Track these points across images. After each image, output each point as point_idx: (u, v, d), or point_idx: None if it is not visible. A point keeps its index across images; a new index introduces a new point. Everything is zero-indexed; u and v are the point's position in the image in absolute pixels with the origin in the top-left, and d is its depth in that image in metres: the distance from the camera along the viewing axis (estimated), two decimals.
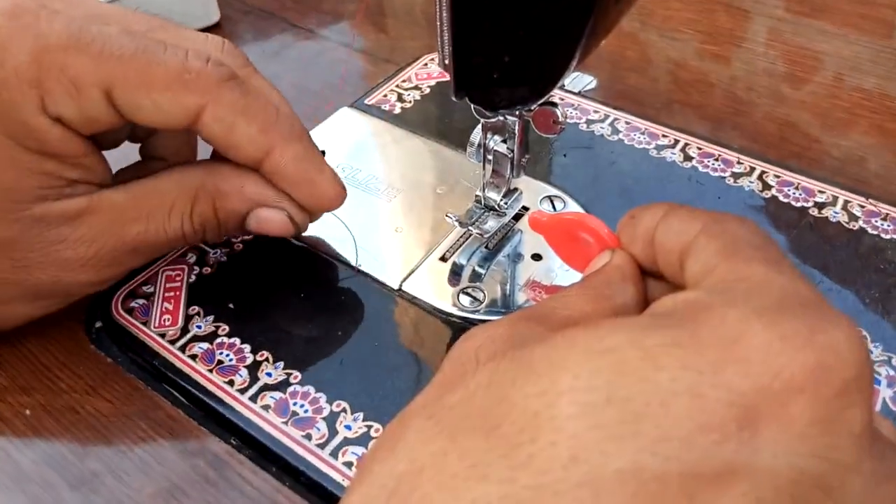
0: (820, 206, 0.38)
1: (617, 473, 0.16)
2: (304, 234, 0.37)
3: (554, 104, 0.30)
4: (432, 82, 0.47)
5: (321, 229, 0.37)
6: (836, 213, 0.38)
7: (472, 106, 0.30)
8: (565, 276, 0.35)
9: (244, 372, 0.31)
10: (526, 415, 0.17)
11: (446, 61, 0.28)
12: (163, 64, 0.28)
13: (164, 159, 0.34)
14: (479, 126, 0.33)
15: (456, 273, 0.35)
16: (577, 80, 0.48)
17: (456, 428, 0.18)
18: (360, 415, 0.30)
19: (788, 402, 0.16)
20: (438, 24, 0.28)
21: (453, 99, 0.29)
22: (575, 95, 0.46)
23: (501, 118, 0.32)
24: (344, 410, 0.30)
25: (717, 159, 0.41)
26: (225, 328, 0.33)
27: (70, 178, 0.29)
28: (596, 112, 0.44)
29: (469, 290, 0.34)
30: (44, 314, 0.32)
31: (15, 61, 0.27)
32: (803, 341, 0.17)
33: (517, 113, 0.31)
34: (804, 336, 0.17)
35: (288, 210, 0.32)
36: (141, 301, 0.34)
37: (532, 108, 0.30)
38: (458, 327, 0.33)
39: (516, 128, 0.32)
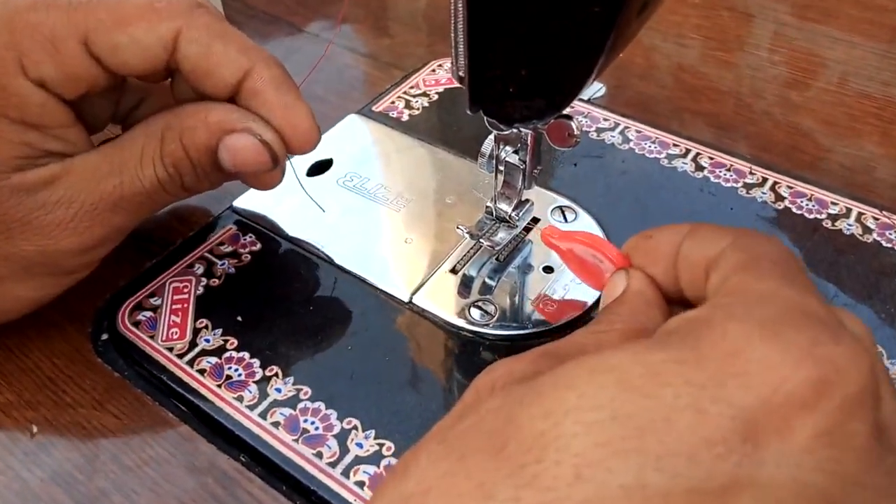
0: (833, 217, 0.38)
1: (622, 489, 0.16)
2: (312, 246, 0.36)
3: (569, 117, 0.30)
4: (440, 89, 0.47)
5: (330, 240, 0.37)
6: (849, 225, 0.37)
7: (485, 119, 0.30)
8: (577, 289, 0.34)
9: (253, 388, 0.31)
10: (532, 434, 0.17)
11: (461, 73, 0.28)
12: (131, 0, 0.29)
13: None
14: (491, 137, 0.33)
15: (466, 285, 0.35)
16: (587, 87, 0.47)
17: (465, 449, 0.18)
18: (372, 432, 0.29)
19: (790, 416, 0.16)
20: (453, 35, 0.27)
21: (468, 112, 0.29)
22: (585, 103, 0.46)
23: (515, 130, 0.31)
24: (355, 428, 0.29)
25: (728, 169, 0.41)
26: (233, 342, 0.32)
27: (49, 149, 0.29)
28: (606, 120, 0.44)
29: (480, 304, 0.34)
30: (42, 297, 0.32)
31: None
32: (803, 354, 0.17)
33: (532, 126, 0.31)
34: (804, 349, 0.17)
35: (256, 131, 0.30)
36: (148, 314, 0.34)
37: (547, 121, 0.30)
38: (469, 341, 0.33)
39: (529, 139, 0.32)
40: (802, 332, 0.17)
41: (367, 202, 0.39)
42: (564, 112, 0.30)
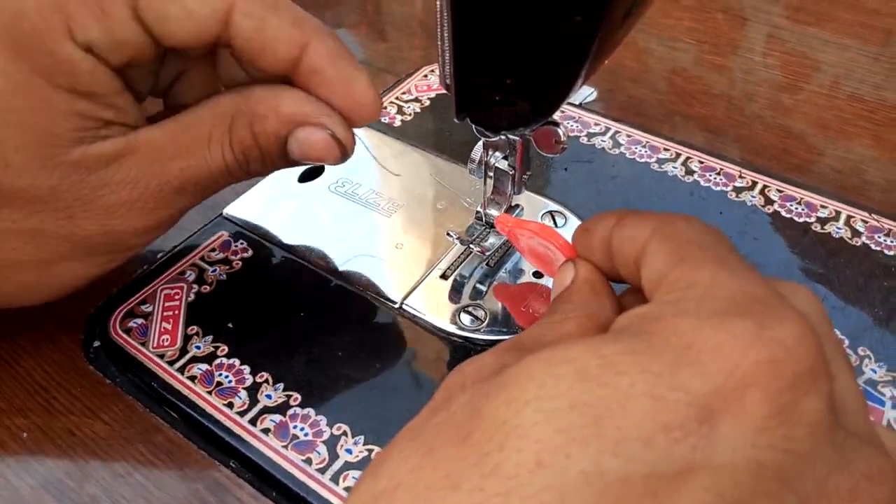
0: (823, 221, 0.38)
1: (581, 475, 0.16)
2: (303, 252, 0.37)
3: (556, 123, 0.30)
4: (432, 94, 0.47)
5: (321, 246, 0.37)
6: (838, 228, 0.37)
7: (473, 126, 0.30)
8: None
9: (243, 394, 0.31)
10: (494, 424, 0.17)
11: (447, 81, 0.28)
12: None
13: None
14: (480, 143, 0.33)
15: (457, 290, 0.35)
16: (578, 92, 0.47)
17: (434, 442, 0.18)
18: (361, 438, 0.29)
19: (743, 398, 0.17)
20: (440, 43, 0.28)
21: (455, 120, 0.29)
22: (575, 108, 0.46)
23: (503, 137, 0.32)
24: (345, 434, 0.29)
25: (718, 173, 0.41)
26: (224, 349, 0.32)
27: (104, 118, 0.28)
28: (597, 125, 0.44)
29: (470, 309, 0.34)
30: (99, 274, 0.31)
31: None
32: (752, 338, 0.17)
33: (518, 133, 0.31)
34: (753, 333, 0.17)
35: (329, 125, 0.30)
36: (139, 321, 0.34)
37: (534, 127, 0.30)
38: (460, 347, 0.33)
39: (517, 145, 0.32)
40: (749, 318, 0.18)
41: (359, 208, 0.39)
42: (553, 118, 0.30)
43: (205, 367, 0.32)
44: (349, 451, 0.29)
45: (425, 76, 0.49)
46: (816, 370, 0.17)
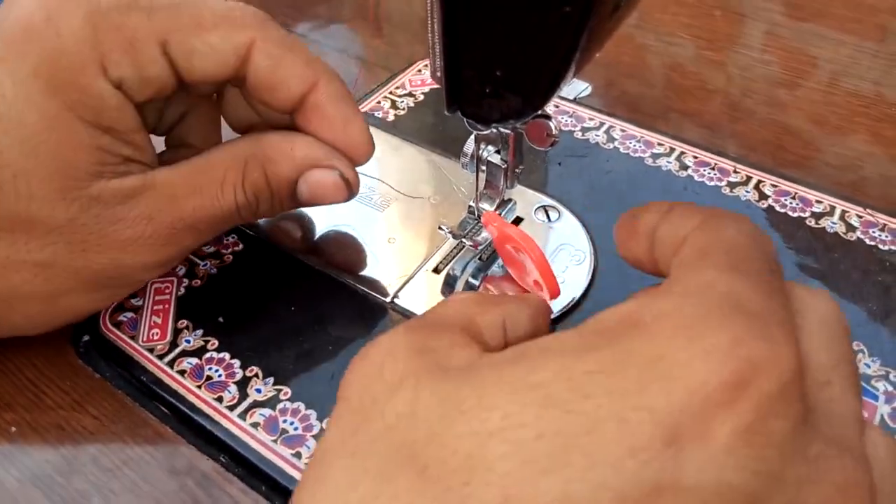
0: (817, 216, 0.38)
1: None
2: (294, 246, 0.36)
3: (548, 116, 0.30)
4: (426, 89, 0.47)
5: (313, 240, 0.37)
6: (833, 223, 0.37)
7: (465, 119, 0.30)
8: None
9: (233, 388, 0.31)
10: (458, 456, 0.17)
11: (438, 74, 0.28)
12: (209, 7, 0.29)
13: (191, 146, 0.34)
14: (473, 136, 0.33)
15: (449, 285, 0.35)
16: (572, 86, 0.47)
17: (383, 464, 0.18)
18: None
19: (710, 418, 0.16)
20: (430, 35, 0.27)
21: (446, 113, 0.29)
22: (570, 102, 0.45)
23: (494, 130, 0.31)
24: None
25: (713, 168, 0.40)
26: (214, 342, 0.32)
27: (123, 154, 0.29)
28: (591, 119, 0.44)
29: None
30: (102, 308, 0.33)
31: (70, 27, 0.27)
32: (723, 355, 0.17)
33: (510, 126, 0.31)
34: (725, 350, 0.17)
35: (338, 166, 0.31)
36: (129, 314, 0.33)
37: (525, 120, 0.30)
38: None
39: (509, 138, 0.32)
40: (726, 331, 0.17)
41: (351, 202, 0.39)
42: (545, 112, 0.30)
43: (194, 361, 0.32)
44: None
45: (419, 71, 0.48)
46: (787, 390, 0.17)
